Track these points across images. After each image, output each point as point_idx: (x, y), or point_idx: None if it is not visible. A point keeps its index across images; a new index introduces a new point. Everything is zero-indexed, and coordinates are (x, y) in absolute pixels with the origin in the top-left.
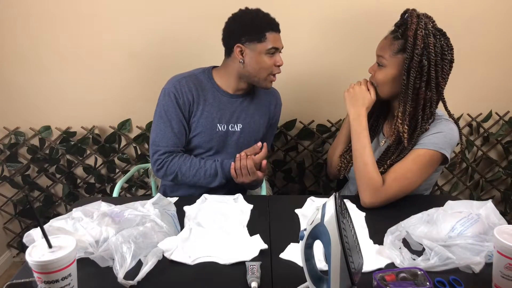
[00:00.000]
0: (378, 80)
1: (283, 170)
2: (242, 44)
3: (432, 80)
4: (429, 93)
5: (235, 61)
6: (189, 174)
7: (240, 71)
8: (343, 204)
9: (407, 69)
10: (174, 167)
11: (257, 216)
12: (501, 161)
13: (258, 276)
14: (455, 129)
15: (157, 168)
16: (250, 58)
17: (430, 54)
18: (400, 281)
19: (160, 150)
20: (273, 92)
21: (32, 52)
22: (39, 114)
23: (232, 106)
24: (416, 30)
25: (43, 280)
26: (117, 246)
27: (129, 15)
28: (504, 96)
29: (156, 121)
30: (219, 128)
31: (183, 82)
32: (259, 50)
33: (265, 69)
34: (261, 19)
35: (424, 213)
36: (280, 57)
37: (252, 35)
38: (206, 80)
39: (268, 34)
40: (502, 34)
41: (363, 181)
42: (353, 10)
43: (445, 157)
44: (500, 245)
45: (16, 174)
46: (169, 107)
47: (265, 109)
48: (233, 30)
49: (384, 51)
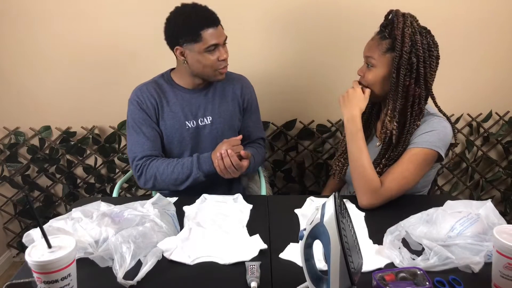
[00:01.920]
0: (368, 81)
1: (283, 170)
2: (180, 46)
3: (421, 77)
4: (418, 90)
5: (180, 62)
6: (167, 173)
7: (188, 70)
8: (343, 204)
9: (396, 67)
10: (152, 169)
11: (256, 216)
12: (501, 161)
13: (258, 276)
14: (448, 126)
15: (137, 175)
16: (191, 58)
17: (418, 51)
18: (400, 281)
19: (137, 156)
20: (236, 77)
21: (32, 52)
22: (39, 114)
23: (196, 100)
24: (403, 29)
25: (43, 280)
26: (116, 246)
27: (129, 15)
28: (504, 96)
29: (129, 132)
30: (189, 125)
31: (144, 88)
32: (198, 49)
33: (209, 66)
34: (194, 18)
35: (424, 213)
36: (224, 50)
37: (187, 36)
38: (166, 83)
39: (204, 32)
40: (502, 34)
41: (362, 184)
42: (353, 10)
43: (440, 155)
44: (499, 245)
45: (16, 174)
46: (136, 114)
47: (231, 95)
48: (170, 33)
49: (373, 52)
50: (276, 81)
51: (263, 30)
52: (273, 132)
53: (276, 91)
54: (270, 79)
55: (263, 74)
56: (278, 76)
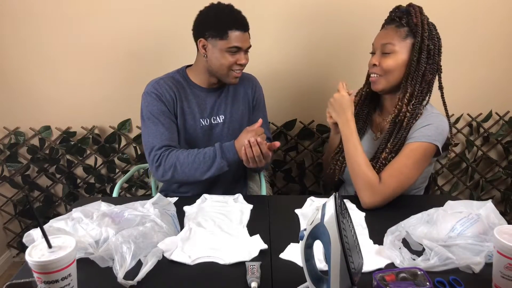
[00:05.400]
0: (388, 67)
1: (283, 170)
2: (205, 39)
3: (435, 63)
4: (430, 76)
5: (201, 55)
6: (187, 162)
7: (206, 66)
8: (343, 204)
9: (418, 51)
10: (172, 159)
11: (257, 216)
12: (501, 161)
13: (258, 276)
14: (445, 121)
15: (156, 165)
16: (211, 54)
17: (434, 39)
18: (400, 281)
19: (155, 146)
20: (247, 77)
21: (33, 52)
22: (39, 114)
23: (211, 99)
24: (421, 17)
25: (43, 280)
26: (117, 246)
27: (129, 15)
28: (504, 96)
29: (145, 125)
30: (203, 123)
31: (161, 82)
32: (220, 46)
33: (225, 66)
34: (226, 15)
35: (424, 213)
36: (244, 56)
37: (214, 30)
38: (182, 79)
39: (231, 32)
40: (502, 34)
41: (360, 181)
42: (353, 10)
43: (438, 149)
44: (500, 245)
45: (16, 174)
46: (154, 106)
47: (242, 94)
48: (199, 24)
49: (391, 38)
50: (276, 81)
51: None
52: (273, 132)
53: (276, 91)
54: (270, 79)
55: (262, 74)
56: (278, 76)
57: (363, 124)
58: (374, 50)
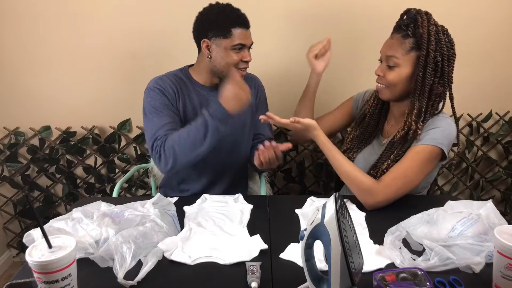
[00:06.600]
0: (390, 81)
1: (283, 170)
2: (208, 39)
3: (445, 75)
4: (441, 88)
5: (204, 56)
6: (183, 138)
7: (209, 66)
8: (343, 204)
9: (423, 65)
10: (169, 143)
11: (257, 216)
12: (501, 161)
13: (258, 276)
14: (452, 124)
15: (157, 157)
16: (216, 53)
17: (442, 50)
18: (400, 281)
19: (158, 136)
20: (249, 77)
21: (33, 52)
22: (39, 114)
23: (213, 98)
24: (428, 27)
25: (43, 280)
26: (117, 246)
27: (129, 15)
28: (504, 96)
29: (147, 118)
30: None
31: (164, 78)
32: (225, 45)
33: (231, 65)
34: (228, 14)
35: (424, 213)
36: (248, 53)
37: (218, 30)
38: (185, 77)
39: (234, 30)
40: (502, 34)
41: (354, 188)
42: (353, 10)
43: (444, 153)
44: (500, 245)
45: (16, 174)
46: (156, 100)
47: None
48: (200, 25)
49: (395, 51)
50: (275, 81)
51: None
52: (274, 132)
53: (275, 91)
54: (270, 79)
55: (262, 74)
56: (278, 76)
57: (373, 129)
58: (381, 59)
